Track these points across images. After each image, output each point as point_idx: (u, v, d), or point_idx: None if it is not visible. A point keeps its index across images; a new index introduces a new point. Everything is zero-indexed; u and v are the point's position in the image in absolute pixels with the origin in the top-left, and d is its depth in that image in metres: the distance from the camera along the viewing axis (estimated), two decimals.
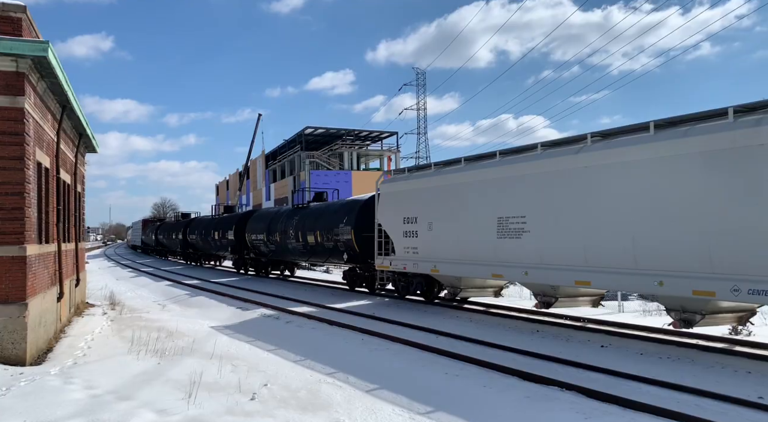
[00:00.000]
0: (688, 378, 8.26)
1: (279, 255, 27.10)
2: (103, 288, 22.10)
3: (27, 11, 9.75)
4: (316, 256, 23.85)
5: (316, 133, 63.84)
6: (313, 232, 22.60)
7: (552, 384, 8.24)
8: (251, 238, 29.02)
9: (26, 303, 9.56)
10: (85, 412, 6.93)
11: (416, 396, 7.90)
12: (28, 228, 9.74)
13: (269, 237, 26.65)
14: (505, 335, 12.14)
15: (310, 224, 23.00)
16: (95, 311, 16.77)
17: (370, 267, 19.60)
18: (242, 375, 8.87)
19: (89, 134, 16.09)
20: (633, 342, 11.14)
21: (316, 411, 7.27)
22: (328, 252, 22.03)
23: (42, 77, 10.42)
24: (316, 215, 23.05)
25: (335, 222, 21.16)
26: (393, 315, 15.00)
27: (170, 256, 53.18)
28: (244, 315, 16.39)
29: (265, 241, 27.34)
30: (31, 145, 10.00)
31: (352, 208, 20.72)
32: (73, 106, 12.53)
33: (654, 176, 9.94)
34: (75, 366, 9.44)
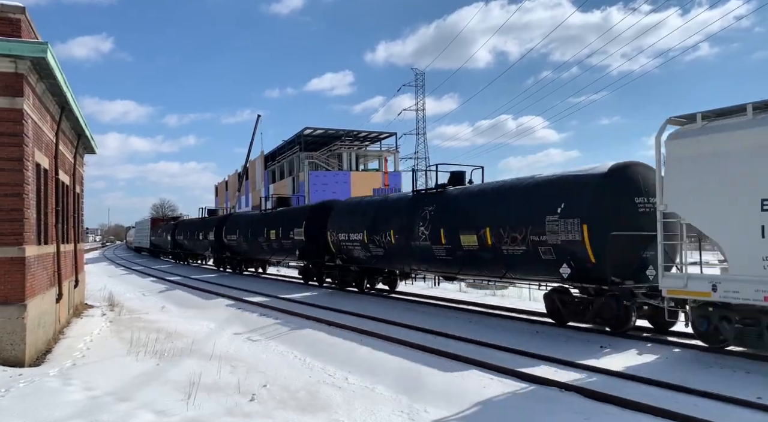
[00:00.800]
0: (686, 378, 8.26)
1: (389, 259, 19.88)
2: (102, 289, 22.08)
3: (26, 12, 9.75)
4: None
5: (315, 133, 63.82)
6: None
7: (551, 384, 8.25)
8: (339, 238, 21.33)
9: (25, 305, 9.56)
10: (84, 413, 6.93)
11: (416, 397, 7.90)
12: (27, 230, 9.73)
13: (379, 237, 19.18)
14: (504, 335, 12.14)
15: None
16: (94, 312, 16.76)
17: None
18: (241, 376, 8.86)
19: (88, 135, 16.08)
20: (632, 343, 11.14)
21: (315, 412, 7.27)
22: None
23: (41, 78, 10.42)
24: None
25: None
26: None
27: (192, 260, 46.14)
28: (244, 315, 16.38)
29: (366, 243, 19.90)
30: (30, 146, 10.00)
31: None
32: (71, 107, 12.53)
33: None
34: (74, 368, 9.44)
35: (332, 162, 63.73)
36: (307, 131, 62.34)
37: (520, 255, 13.31)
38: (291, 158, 66.76)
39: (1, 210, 9.42)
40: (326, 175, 59.77)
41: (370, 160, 70.59)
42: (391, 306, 17.42)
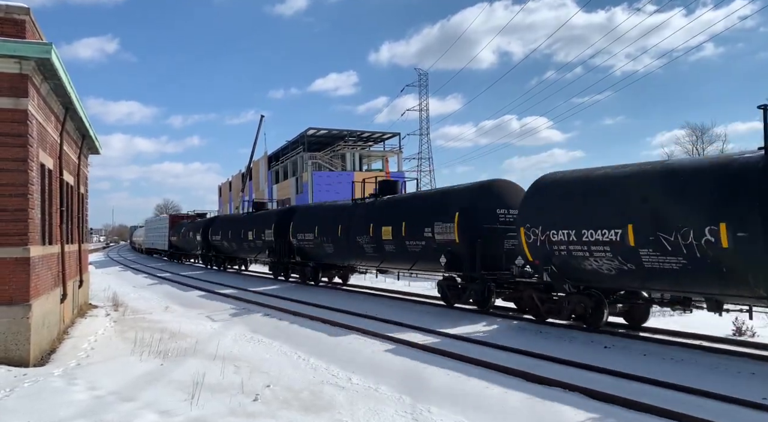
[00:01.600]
0: (691, 379, 8.24)
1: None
2: (106, 290, 22.14)
3: (30, 13, 9.79)
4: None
5: (319, 134, 63.87)
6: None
7: (556, 384, 8.23)
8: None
9: (30, 305, 9.59)
10: (88, 413, 6.94)
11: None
12: (31, 230, 9.76)
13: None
14: (510, 336, 12.14)
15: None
16: (98, 312, 16.80)
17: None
18: (245, 376, 8.88)
19: (92, 135, 16.13)
20: (637, 343, 11.11)
21: (318, 412, 7.27)
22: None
23: (45, 79, 10.45)
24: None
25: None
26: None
27: (230, 265, 37.90)
28: (247, 315, 16.41)
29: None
30: (35, 147, 10.03)
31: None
32: (76, 107, 12.56)
33: None
34: (78, 368, 9.46)
35: (336, 162, 63.76)
36: (311, 131, 62.39)
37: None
38: (294, 158, 66.82)
39: (6, 210, 9.45)
40: (330, 175, 59.78)
41: (374, 161, 70.60)
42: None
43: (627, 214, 10.80)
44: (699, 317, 12.79)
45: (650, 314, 12.71)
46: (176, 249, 50.34)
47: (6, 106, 9.38)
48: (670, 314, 13.63)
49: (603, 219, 11.25)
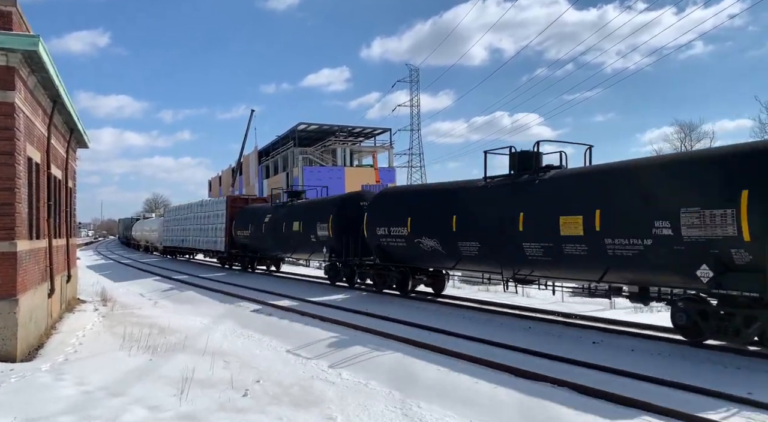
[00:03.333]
0: (679, 375, 8.31)
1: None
2: (94, 284, 21.99)
3: (17, 4, 9.66)
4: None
5: (310, 129, 63.66)
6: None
7: (544, 380, 8.28)
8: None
9: (17, 299, 9.50)
10: (76, 408, 6.90)
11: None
12: (18, 224, 9.67)
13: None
14: (496, 332, 12.18)
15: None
16: (87, 307, 16.69)
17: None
18: (234, 372, 8.86)
19: (80, 129, 15.98)
20: (625, 339, 11.19)
21: (308, 408, 7.28)
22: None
23: (32, 72, 10.33)
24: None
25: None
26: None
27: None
28: (236, 310, 16.36)
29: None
30: (22, 140, 9.92)
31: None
32: (64, 100, 12.44)
33: None
34: (66, 363, 9.40)
35: (326, 157, 63.63)
36: (302, 126, 62.18)
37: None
38: (285, 153, 66.59)
39: None
40: (320, 170, 59.63)
41: (365, 156, 70.50)
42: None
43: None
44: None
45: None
46: (246, 252, 29.35)
47: None
48: (657, 310, 13.74)
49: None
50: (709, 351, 9.98)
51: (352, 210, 20.32)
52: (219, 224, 31.52)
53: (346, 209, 20.62)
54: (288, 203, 26.37)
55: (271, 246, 26.43)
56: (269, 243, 26.30)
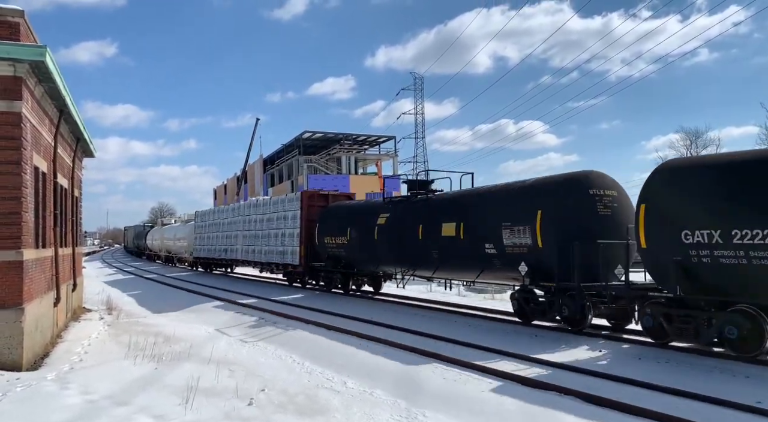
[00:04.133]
0: (686, 383, 8.24)
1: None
2: (99, 293, 22.03)
3: (25, 15, 9.75)
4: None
5: (314, 137, 63.91)
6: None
7: (551, 389, 8.23)
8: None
9: (23, 308, 9.52)
10: (81, 418, 6.90)
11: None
12: (25, 233, 9.71)
13: None
14: (497, 337, 12.13)
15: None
16: (92, 316, 16.71)
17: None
18: (240, 380, 8.84)
19: (87, 138, 16.08)
20: (632, 347, 11.11)
21: (314, 416, 7.25)
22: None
23: (39, 82, 10.41)
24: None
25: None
26: None
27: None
28: (241, 319, 16.35)
29: None
30: (29, 150, 9.98)
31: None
32: (70, 110, 12.52)
33: None
34: (72, 372, 9.40)
35: (331, 165, 63.80)
36: (306, 135, 62.42)
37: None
38: (290, 162, 66.82)
39: None
40: (325, 178, 59.77)
41: (369, 164, 70.66)
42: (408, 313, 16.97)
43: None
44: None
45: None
46: (335, 265, 21.83)
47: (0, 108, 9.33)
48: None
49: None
50: (716, 360, 9.90)
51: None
52: (288, 229, 24.06)
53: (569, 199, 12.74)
54: (419, 197, 17.81)
55: (388, 258, 18.54)
56: (384, 254, 18.57)
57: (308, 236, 22.77)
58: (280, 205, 25.52)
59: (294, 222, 23.72)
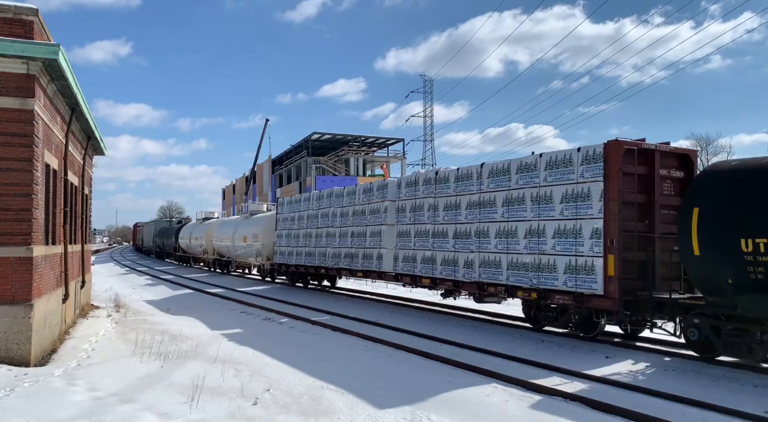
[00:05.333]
0: (693, 391, 8.19)
1: None
2: (108, 291, 22.15)
3: (39, 14, 9.84)
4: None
5: (323, 138, 64.03)
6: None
7: (556, 394, 8.19)
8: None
9: (32, 304, 9.60)
10: (87, 414, 6.94)
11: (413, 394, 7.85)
12: (35, 230, 9.78)
13: None
14: (504, 343, 12.08)
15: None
16: (100, 313, 16.81)
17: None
18: (245, 380, 8.86)
19: (98, 136, 16.19)
20: (638, 354, 11.05)
21: (318, 418, 7.25)
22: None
23: (52, 79, 10.50)
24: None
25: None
26: None
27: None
28: (248, 319, 16.38)
29: None
30: (40, 147, 10.07)
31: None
32: (82, 108, 12.61)
33: None
34: (79, 368, 9.46)
35: (339, 167, 63.86)
36: (315, 136, 62.55)
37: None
38: (298, 163, 66.97)
39: (10, 210, 9.48)
40: (333, 180, 59.84)
41: (378, 166, 70.68)
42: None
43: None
44: None
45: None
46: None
47: (12, 106, 9.42)
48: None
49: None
50: (724, 368, 9.83)
51: None
52: (581, 219, 11.85)
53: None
54: None
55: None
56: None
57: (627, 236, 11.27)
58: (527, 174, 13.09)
59: (590, 205, 11.61)
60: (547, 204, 12.53)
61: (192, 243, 42.03)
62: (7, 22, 9.49)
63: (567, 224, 12.05)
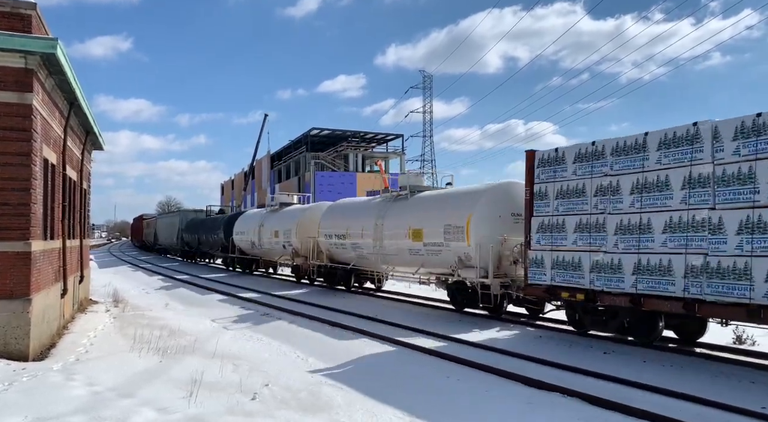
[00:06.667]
0: (691, 387, 8.21)
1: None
2: (106, 286, 22.15)
3: (37, 8, 9.81)
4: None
5: (322, 134, 63.96)
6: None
7: (554, 390, 8.21)
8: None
9: (30, 299, 9.59)
10: (86, 409, 6.94)
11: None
12: (33, 224, 9.77)
13: None
14: (509, 343, 12.10)
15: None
16: (98, 308, 16.81)
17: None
18: (243, 375, 8.86)
19: (96, 131, 16.15)
20: (636, 350, 11.07)
21: (316, 413, 7.26)
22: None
23: (50, 74, 10.47)
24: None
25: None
26: None
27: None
28: (246, 314, 16.39)
29: None
30: (38, 142, 10.04)
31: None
32: (80, 103, 12.58)
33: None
34: (77, 363, 9.46)
35: (338, 163, 63.79)
36: (314, 131, 62.48)
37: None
38: (297, 158, 66.90)
39: (8, 204, 9.46)
40: (332, 175, 59.84)
41: (376, 162, 70.61)
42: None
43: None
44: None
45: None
46: None
47: (10, 100, 9.39)
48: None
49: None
50: (722, 364, 9.85)
51: None
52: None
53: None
54: None
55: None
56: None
57: None
58: None
59: None
60: None
61: (264, 240, 27.71)
62: (5, 16, 9.45)
63: None
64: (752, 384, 8.68)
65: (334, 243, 21.42)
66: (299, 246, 24.42)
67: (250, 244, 29.82)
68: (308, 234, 23.58)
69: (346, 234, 20.57)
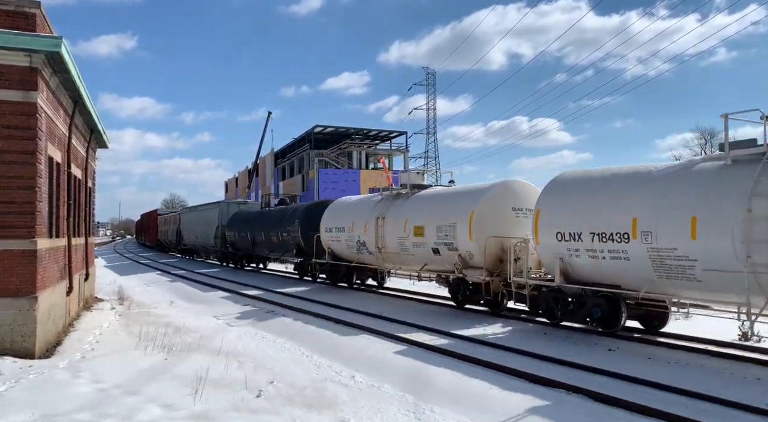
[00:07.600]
0: (696, 384, 8.19)
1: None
2: (111, 284, 22.23)
3: (41, 7, 9.82)
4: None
5: (326, 131, 63.89)
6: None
7: (559, 386, 8.21)
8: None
9: (36, 297, 9.63)
10: (92, 406, 6.97)
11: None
12: (38, 223, 9.80)
13: None
14: (516, 339, 12.10)
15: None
16: (104, 306, 16.87)
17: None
18: (248, 372, 8.89)
19: (101, 129, 16.19)
20: (641, 346, 11.06)
21: (321, 410, 7.27)
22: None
23: (55, 72, 10.49)
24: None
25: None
26: None
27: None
28: (251, 311, 16.42)
29: None
30: (43, 140, 10.07)
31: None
32: (85, 101, 12.61)
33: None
34: (83, 360, 9.51)
35: (342, 160, 63.76)
36: (318, 129, 62.42)
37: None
38: (301, 155, 66.88)
39: (14, 203, 9.49)
40: (336, 172, 59.81)
41: (380, 159, 70.46)
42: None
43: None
44: (704, 322, 12.72)
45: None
46: None
47: (15, 99, 9.42)
48: (675, 318, 13.55)
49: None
50: (727, 361, 9.83)
51: None
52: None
53: None
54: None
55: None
56: None
57: None
58: None
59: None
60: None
61: (389, 239, 18.24)
62: (9, 14, 9.47)
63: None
64: (757, 380, 8.65)
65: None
66: (475, 250, 14.76)
67: (355, 246, 20.40)
68: (491, 233, 14.60)
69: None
